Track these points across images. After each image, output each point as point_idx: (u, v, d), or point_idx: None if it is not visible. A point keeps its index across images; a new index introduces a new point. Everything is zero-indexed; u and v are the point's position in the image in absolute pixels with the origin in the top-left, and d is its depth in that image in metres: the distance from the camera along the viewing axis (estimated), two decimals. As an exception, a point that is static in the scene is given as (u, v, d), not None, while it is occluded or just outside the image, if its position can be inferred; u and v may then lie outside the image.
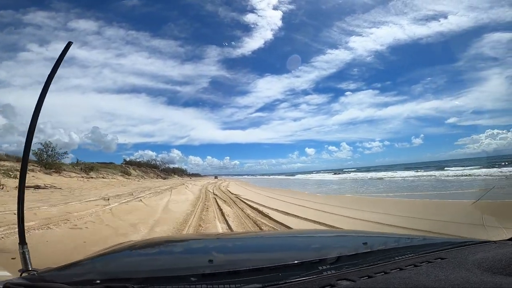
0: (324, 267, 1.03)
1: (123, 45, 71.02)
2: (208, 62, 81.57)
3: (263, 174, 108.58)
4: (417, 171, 37.09)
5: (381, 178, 31.09)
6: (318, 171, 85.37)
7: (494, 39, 56.09)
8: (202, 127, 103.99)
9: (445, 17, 58.21)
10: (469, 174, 24.26)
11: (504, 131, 60.47)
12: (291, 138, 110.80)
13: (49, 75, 1.40)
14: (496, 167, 27.56)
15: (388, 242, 1.55)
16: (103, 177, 27.85)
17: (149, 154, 67.75)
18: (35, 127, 1.32)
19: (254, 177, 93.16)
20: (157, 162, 67.03)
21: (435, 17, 59.36)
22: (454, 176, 24.76)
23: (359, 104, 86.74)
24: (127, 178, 33.41)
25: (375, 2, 63.88)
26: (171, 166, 79.40)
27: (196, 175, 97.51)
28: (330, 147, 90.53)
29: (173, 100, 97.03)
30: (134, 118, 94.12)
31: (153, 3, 72.56)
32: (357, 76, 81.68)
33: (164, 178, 55.20)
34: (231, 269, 1.04)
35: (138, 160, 57.28)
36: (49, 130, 53.91)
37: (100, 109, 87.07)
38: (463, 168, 31.84)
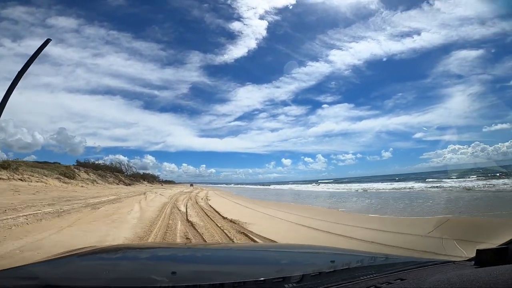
0: (289, 285, 1.02)
1: (102, 45, 67.78)
2: (189, 67, 78.51)
3: (240, 183, 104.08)
4: (392, 183, 36.69)
5: (365, 190, 29.05)
6: (295, 182, 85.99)
7: (460, 57, 57.58)
8: (179, 133, 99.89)
9: (419, 34, 59.13)
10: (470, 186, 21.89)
11: (465, 147, 61.65)
12: (268, 148, 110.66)
13: (20, 71, 1.03)
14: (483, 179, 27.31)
15: (351, 262, 1.44)
16: (21, 179, 19.10)
17: (121, 159, 62.63)
18: None
19: (233, 186, 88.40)
20: (123, 166, 58.99)
21: (409, 34, 60.51)
22: (449, 187, 23.16)
23: (335, 117, 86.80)
24: (65, 183, 24.75)
25: (356, 17, 65.58)
26: (142, 171, 73.52)
27: (170, 182, 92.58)
28: (306, 159, 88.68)
29: (150, 104, 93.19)
30: (107, 121, 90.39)
31: (139, 4, 71.77)
32: (334, 89, 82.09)
33: (128, 185, 46.78)
34: (193, 284, 1.01)
35: (98, 162, 47.85)
36: (11, 129, 50.29)
37: (69, 109, 79.64)
38: (451, 179, 31.19)
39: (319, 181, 65.31)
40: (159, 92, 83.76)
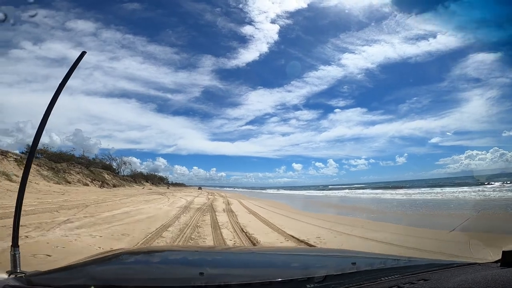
0: (312, 285, 1.03)
1: (118, 49, 67.84)
2: (202, 71, 78.98)
3: (252, 188, 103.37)
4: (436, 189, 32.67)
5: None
6: (308, 187, 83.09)
7: (478, 60, 54.60)
8: (191, 136, 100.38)
9: (434, 37, 56.65)
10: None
11: (483, 152, 58.56)
12: (279, 152, 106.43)
13: (61, 83, 1.41)
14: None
15: (374, 263, 1.50)
16: None
17: (133, 161, 61.37)
18: (42, 131, 1.34)
19: (247, 190, 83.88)
20: (114, 162, 50.85)
21: (425, 37, 57.60)
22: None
23: (347, 121, 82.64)
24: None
25: (369, 20, 63.77)
26: (146, 172, 67.67)
27: (180, 184, 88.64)
28: (317, 163, 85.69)
29: (163, 107, 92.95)
30: (121, 123, 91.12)
31: (154, 8, 72.47)
32: (347, 93, 78.23)
33: (113, 186, 37.47)
34: (222, 283, 1.02)
35: (70, 153, 37.33)
36: (29, 130, 48.60)
37: (87, 112, 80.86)
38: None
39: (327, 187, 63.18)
40: (172, 96, 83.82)
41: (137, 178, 58.96)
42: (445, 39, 55.75)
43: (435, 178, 60.73)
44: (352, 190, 49.19)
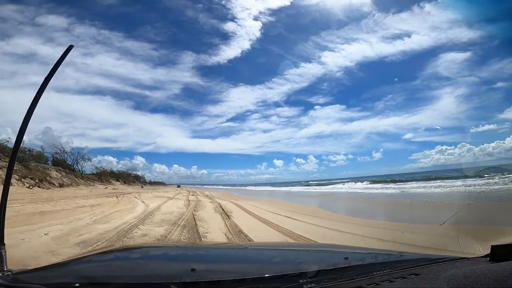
0: (304, 280, 1.02)
1: (92, 44, 62.84)
2: (182, 68, 76.84)
3: (234, 185, 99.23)
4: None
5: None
6: (290, 183, 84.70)
7: (448, 59, 57.22)
8: (170, 134, 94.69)
9: (409, 36, 58.32)
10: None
11: (452, 147, 61.19)
12: (260, 149, 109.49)
13: (44, 79, 1.41)
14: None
15: (366, 258, 1.50)
16: None
17: (109, 160, 61.89)
18: (25, 130, 1.33)
19: (231, 187, 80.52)
20: (68, 156, 43.57)
21: (400, 36, 59.48)
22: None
23: (326, 118, 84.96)
24: None
25: (349, 19, 64.45)
26: (117, 170, 62.44)
27: (160, 183, 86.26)
28: (298, 159, 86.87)
29: (141, 105, 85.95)
30: (96, 121, 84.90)
31: (132, 4, 70.41)
32: (326, 90, 79.89)
33: (60, 186, 29.02)
34: (213, 278, 1.02)
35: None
36: None
37: (58, 109, 72.43)
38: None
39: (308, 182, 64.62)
40: (150, 93, 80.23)
41: (104, 176, 51.78)
42: (419, 38, 57.95)
43: (409, 173, 63.59)
44: (349, 184, 46.87)
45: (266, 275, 1.04)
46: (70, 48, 1.47)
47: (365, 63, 70.18)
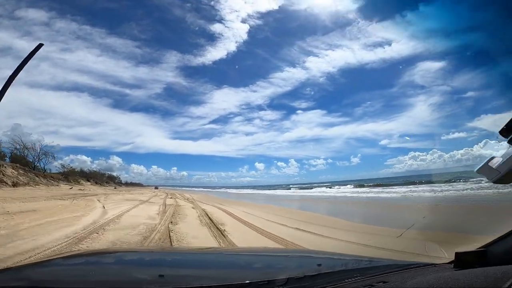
0: None
1: (72, 40, 60.13)
2: (165, 67, 71.88)
3: (214, 187, 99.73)
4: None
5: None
6: (271, 186, 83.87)
7: (424, 68, 58.02)
8: (150, 134, 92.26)
9: (390, 45, 59.03)
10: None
11: (424, 154, 63.01)
12: (242, 152, 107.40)
13: (11, 75, 1.20)
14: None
15: (336, 265, 1.50)
16: None
17: (83, 159, 58.13)
18: None
19: (213, 190, 79.55)
20: (26, 151, 38.52)
21: (381, 44, 59.99)
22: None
23: (308, 123, 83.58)
24: None
25: (335, 26, 63.18)
26: (89, 169, 57.63)
27: (137, 184, 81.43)
28: (279, 163, 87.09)
29: (120, 103, 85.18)
30: (70, 118, 78.41)
31: (118, 0, 66.67)
32: (309, 95, 77.47)
33: (14, 185, 24.52)
34: (180, 286, 1.00)
35: None
36: None
37: (30, 105, 69.83)
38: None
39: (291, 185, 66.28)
40: (131, 91, 76.22)
41: (72, 176, 46.38)
42: (399, 47, 57.98)
43: (385, 177, 64.33)
44: (337, 188, 46.48)
45: (234, 283, 1.02)
46: (40, 46, 1.29)
47: (346, 70, 70.87)
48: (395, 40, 57.87)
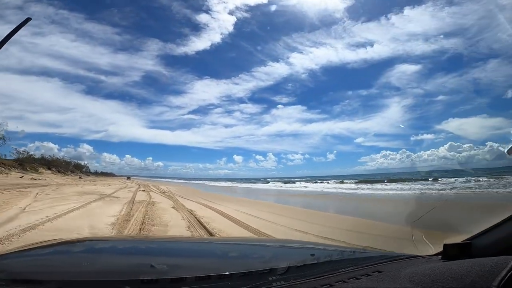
0: (274, 277, 0.99)
1: (46, 24, 58.44)
2: (145, 55, 75.79)
3: (192, 178, 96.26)
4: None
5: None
6: (249, 179, 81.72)
7: (401, 70, 60.96)
8: (125, 123, 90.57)
9: (372, 45, 62.11)
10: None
11: (394, 153, 66.47)
12: (220, 144, 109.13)
13: None
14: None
15: (333, 255, 1.44)
16: None
17: (50, 146, 56.62)
18: None
19: (191, 182, 73.25)
20: None
21: (364, 44, 63.59)
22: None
23: (288, 118, 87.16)
24: None
25: (321, 24, 65.70)
26: (49, 156, 52.60)
27: (109, 174, 78.15)
28: (258, 156, 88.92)
29: (94, 89, 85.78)
30: (37, 104, 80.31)
31: None
32: (290, 91, 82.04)
33: None
34: (176, 276, 0.93)
35: None
36: None
37: None
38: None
39: (289, 180, 63.02)
40: (106, 78, 75.36)
41: (28, 163, 40.81)
42: (380, 48, 61.16)
43: (359, 174, 66.97)
44: (323, 184, 44.46)
45: (233, 272, 0.98)
46: (27, 20, 1.15)
47: (329, 68, 74.62)
48: (377, 41, 62.45)
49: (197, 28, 74.77)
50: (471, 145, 51.55)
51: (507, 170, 26.80)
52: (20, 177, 27.27)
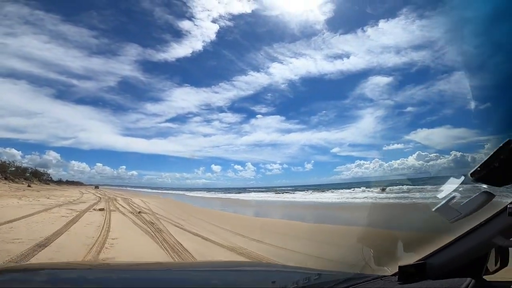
0: None
1: (19, 24, 56.24)
2: (123, 60, 71.86)
3: (167, 188, 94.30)
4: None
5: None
6: (227, 189, 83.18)
7: (374, 82, 62.78)
8: (97, 130, 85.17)
9: (348, 57, 64.02)
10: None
11: (368, 162, 67.49)
12: (199, 153, 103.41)
13: None
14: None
15: (288, 282, 1.42)
16: None
17: (12, 153, 53.50)
18: None
19: (169, 192, 70.09)
20: None
21: (341, 56, 65.53)
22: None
23: (266, 127, 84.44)
24: None
25: (301, 35, 68.07)
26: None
27: (76, 183, 77.35)
28: (236, 166, 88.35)
29: (64, 94, 79.40)
30: (1, 107, 72.54)
31: None
32: (269, 101, 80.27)
33: None
34: None
35: None
36: None
37: None
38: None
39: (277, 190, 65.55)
40: (78, 82, 69.93)
41: None
42: (356, 60, 62.92)
43: (335, 183, 66.54)
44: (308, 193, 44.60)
45: None
46: None
47: (307, 78, 73.45)
48: (353, 53, 63.21)
49: (179, 35, 72.62)
50: (437, 154, 52.73)
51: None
52: None
